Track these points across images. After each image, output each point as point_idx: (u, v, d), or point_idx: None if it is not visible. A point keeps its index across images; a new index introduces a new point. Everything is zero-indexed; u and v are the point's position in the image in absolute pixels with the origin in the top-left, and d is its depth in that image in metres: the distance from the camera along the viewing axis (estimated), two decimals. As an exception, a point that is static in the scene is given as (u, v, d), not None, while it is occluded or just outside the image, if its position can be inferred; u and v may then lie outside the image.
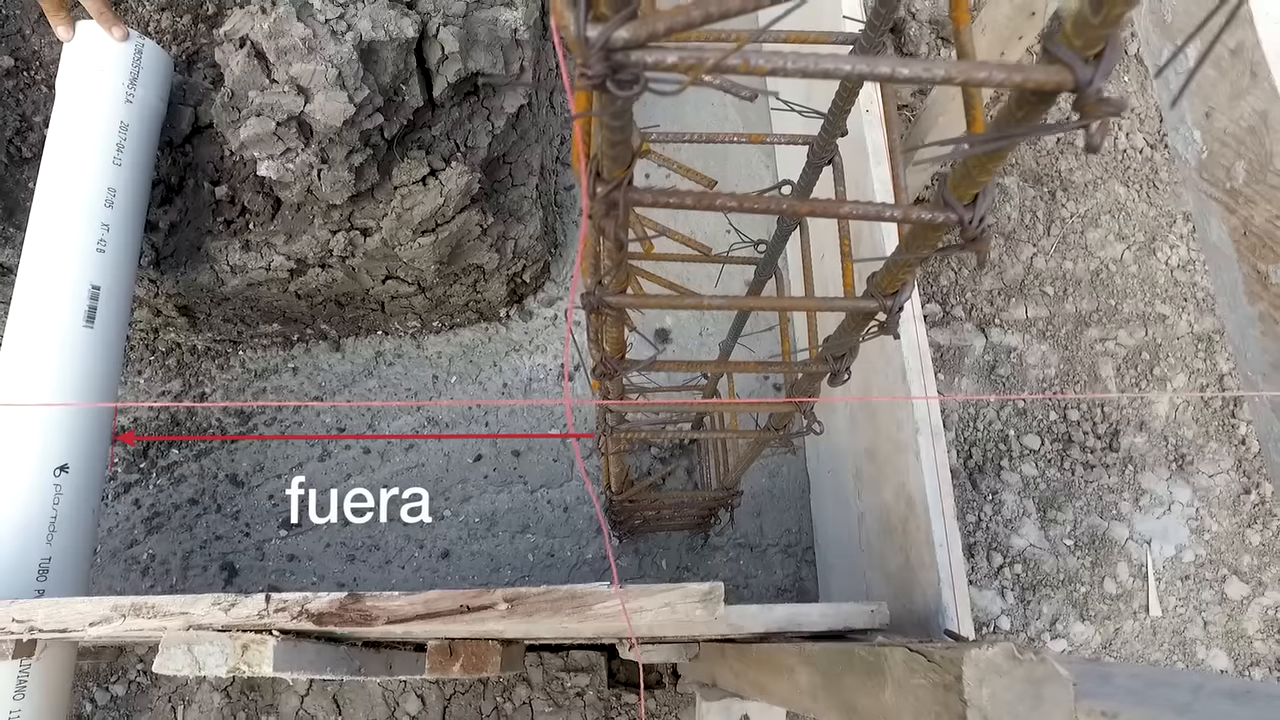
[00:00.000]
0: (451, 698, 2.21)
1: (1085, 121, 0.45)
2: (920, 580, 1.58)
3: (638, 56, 0.42)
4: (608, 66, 0.41)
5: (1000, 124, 0.50)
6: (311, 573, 2.22)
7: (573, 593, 1.23)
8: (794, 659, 1.23)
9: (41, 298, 1.70)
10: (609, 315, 0.73)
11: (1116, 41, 0.44)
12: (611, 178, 0.55)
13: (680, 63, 0.43)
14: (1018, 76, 0.44)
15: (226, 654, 1.24)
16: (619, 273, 0.67)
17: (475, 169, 1.85)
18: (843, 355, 0.86)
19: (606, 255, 0.65)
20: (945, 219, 0.58)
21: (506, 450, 2.30)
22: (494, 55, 1.69)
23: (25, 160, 2.07)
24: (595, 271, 0.70)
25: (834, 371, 0.86)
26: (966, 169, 0.56)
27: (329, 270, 2.06)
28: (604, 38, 0.41)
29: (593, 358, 0.87)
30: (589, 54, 0.41)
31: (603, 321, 0.77)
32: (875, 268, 0.73)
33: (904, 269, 0.69)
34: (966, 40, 0.63)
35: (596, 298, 0.70)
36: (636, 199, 0.58)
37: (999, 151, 0.53)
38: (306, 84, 1.51)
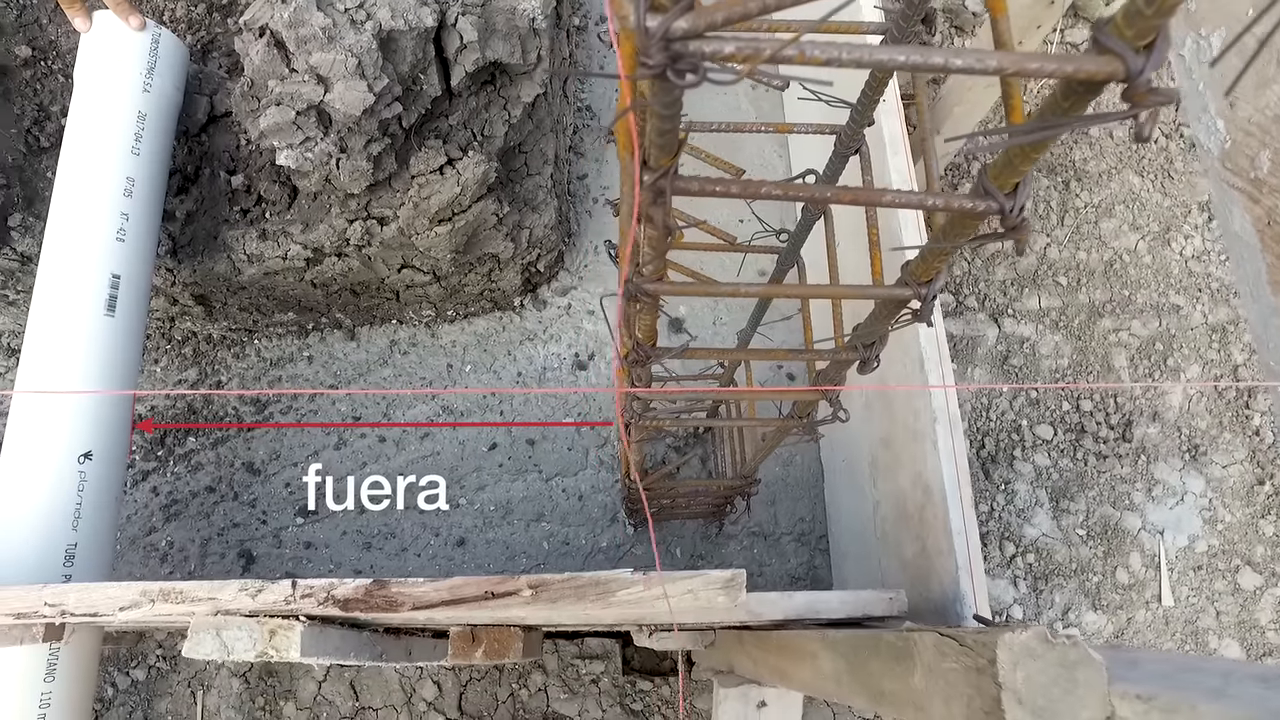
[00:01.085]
0: (467, 684, 2.23)
1: (1134, 111, 0.46)
2: (937, 568, 1.59)
3: (695, 46, 0.43)
4: (667, 56, 0.42)
5: (1045, 114, 0.51)
6: (328, 560, 2.24)
7: (596, 579, 1.25)
8: (816, 645, 1.24)
9: (63, 287, 1.72)
10: (646, 303, 0.73)
11: (1167, 31, 0.44)
12: (659, 166, 0.56)
13: (737, 53, 0.43)
14: (1069, 67, 0.45)
15: (255, 639, 1.25)
16: (660, 261, 0.68)
17: (492, 158, 1.86)
18: (872, 343, 0.87)
19: (648, 243, 0.65)
20: (986, 208, 0.58)
21: (521, 439, 2.31)
22: (511, 44, 1.69)
23: (43, 150, 2.08)
24: (633, 259, 0.71)
25: (864, 359, 0.87)
26: (1008, 158, 0.56)
27: (345, 259, 2.07)
28: (664, 28, 0.41)
29: (624, 346, 0.88)
30: (649, 44, 0.42)
31: (637, 309, 0.77)
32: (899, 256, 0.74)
33: (939, 257, 0.70)
34: (1004, 30, 0.63)
35: (635, 285, 0.70)
36: (683, 187, 0.59)
37: (1042, 142, 0.53)
38: (326, 73, 1.51)
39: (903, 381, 1.71)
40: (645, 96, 0.50)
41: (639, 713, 2.21)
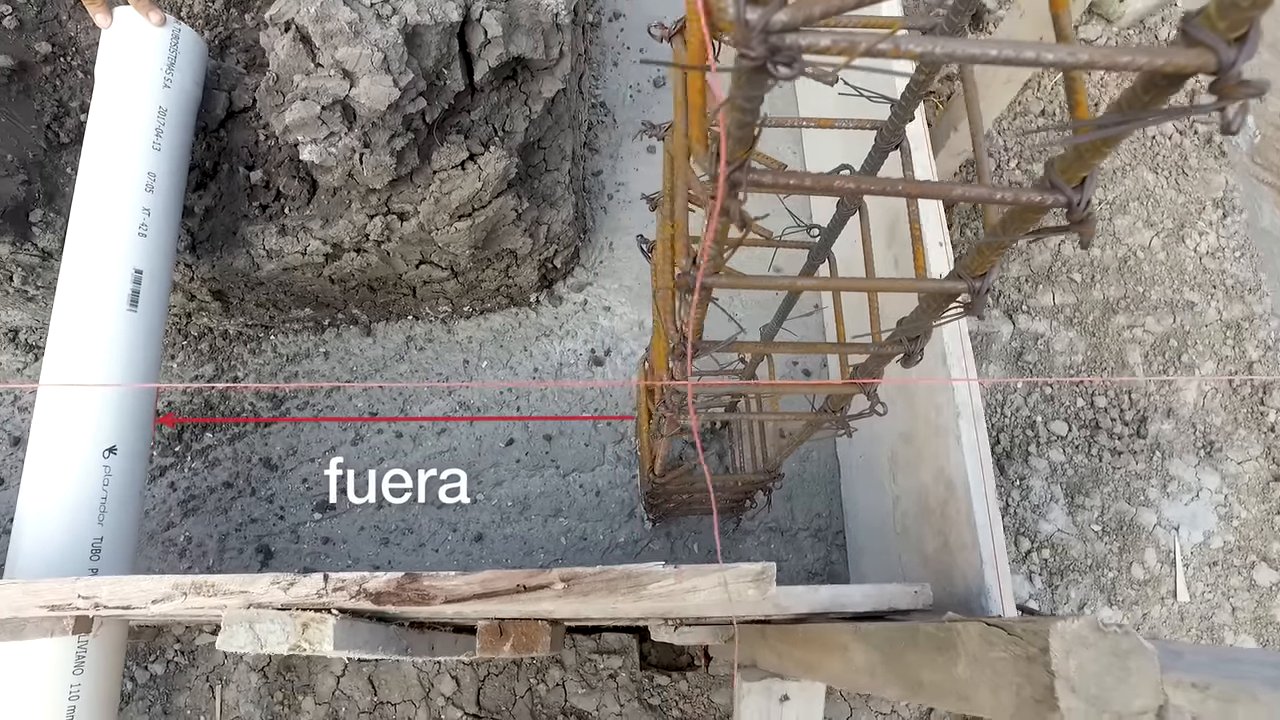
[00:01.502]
0: (485, 679, 2.23)
1: (1223, 104, 0.46)
2: (960, 562, 1.60)
3: (793, 40, 0.43)
4: (767, 49, 0.42)
5: (1124, 107, 0.51)
6: (346, 556, 2.24)
7: (628, 572, 1.25)
8: (848, 638, 1.24)
9: (87, 282, 1.72)
10: (701, 296, 0.74)
11: (1259, 23, 0.44)
12: (734, 159, 0.56)
13: (832, 46, 0.44)
14: (1159, 60, 0.45)
15: (288, 632, 1.26)
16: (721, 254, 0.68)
17: (512, 154, 1.86)
18: (917, 337, 0.87)
19: (713, 237, 0.66)
20: (1054, 201, 0.58)
21: (539, 434, 2.31)
22: (535, 39, 1.69)
23: (63, 146, 2.08)
24: (688, 253, 0.71)
25: (908, 353, 0.87)
26: (1078, 152, 0.57)
27: (364, 254, 2.07)
28: (764, 20, 0.42)
29: (669, 339, 0.88)
30: (749, 36, 0.42)
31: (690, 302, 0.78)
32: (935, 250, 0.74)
33: (995, 251, 0.70)
34: (1066, 24, 0.64)
35: (693, 278, 0.70)
36: (756, 179, 0.59)
37: (1116, 136, 0.54)
38: (352, 68, 1.52)
39: (924, 376, 1.71)
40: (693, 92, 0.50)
41: (656, 707, 2.21)
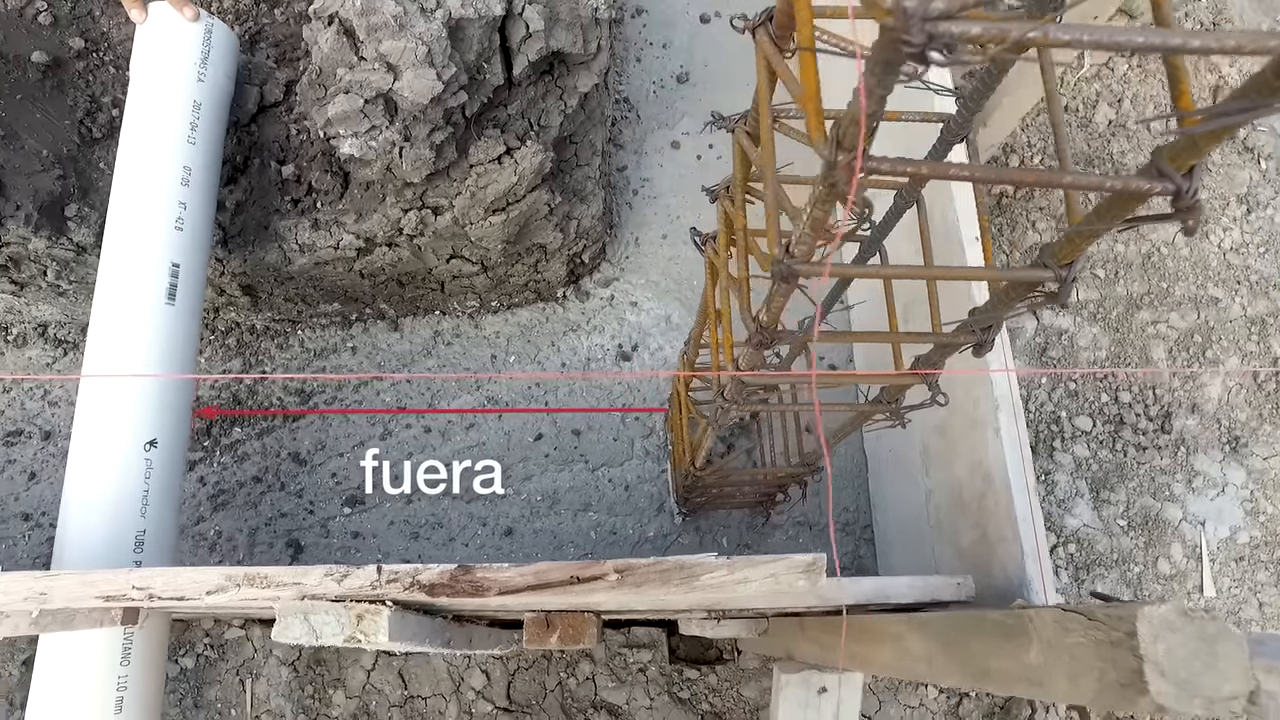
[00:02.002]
0: (515, 673, 2.24)
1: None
2: (999, 554, 1.61)
3: (945, 28, 0.44)
4: (926, 37, 0.43)
5: (1252, 93, 0.52)
6: (376, 550, 2.25)
7: (681, 563, 1.26)
8: (902, 627, 1.25)
9: (126, 276, 1.72)
10: (791, 284, 0.74)
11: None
12: (851, 146, 0.57)
13: (983, 34, 0.44)
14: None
15: (343, 623, 1.26)
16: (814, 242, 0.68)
17: (548, 148, 1.86)
18: (989, 326, 0.88)
19: (810, 225, 0.66)
20: (1161, 189, 0.59)
21: (567, 429, 2.32)
22: (574, 34, 1.70)
23: (95, 141, 2.08)
24: (780, 242, 0.71)
25: (980, 342, 0.88)
26: (1191, 140, 0.57)
27: (395, 249, 2.07)
28: (922, 9, 0.42)
29: (747, 328, 0.89)
30: (909, 24, 0.42)
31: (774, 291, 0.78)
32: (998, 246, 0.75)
33: (1087, 239, 0.71)
34: (1167, 11, 0.64)
35: (786, 266, 0.71)
36: (874, 167, 0.59)
37: (1237, 123, 0.54)
38: (395, 61, 1.52)
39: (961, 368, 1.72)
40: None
41: (686, 701, 2.22)
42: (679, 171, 2.65)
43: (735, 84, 2.78)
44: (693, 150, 2.68)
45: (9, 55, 1.97)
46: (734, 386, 1.06)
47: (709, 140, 2.70)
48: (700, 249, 1.23)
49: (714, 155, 2.68)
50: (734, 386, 1.06)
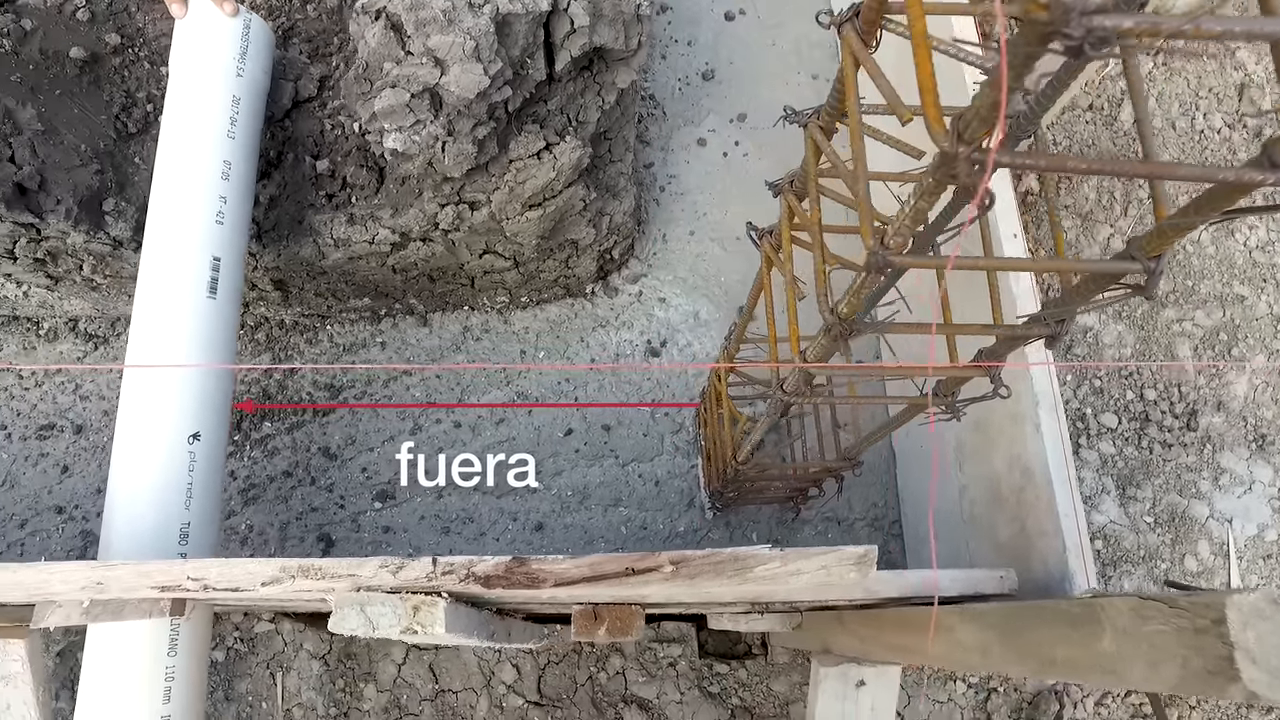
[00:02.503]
0: (546, 667, 2.25)
1: None
2: (1040, 548, 1.61)
3: (1101, 22, 0.44)
4: (1085, 30, 0.44)
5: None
6: (406, 544, 2.26)
7: (735, 555, 1.26)
8: (953, 619, 1.26)
9: (168, 270, 1.73)
10: (882, 276, 0.75)
11: None
12: (974, 139, 0.57)
13: (1136, 28, 0.45)
14: None
15: (399, 614, 1.27)
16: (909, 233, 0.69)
17: (586, 144, 1.87)
18: (1063, 319, 0.88)
19: (913, 217, 0.67)
20: (1276, 180, 0.60)
21: (597, 424, 2.33)
22: (616, 30, 1.70)
23: (131, 135, 2.09)
24: (876, 234, 0.72)
25: (1054, 335, 0.89)
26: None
27: (430, 244, 2.08)
28: (1080, 3, 0.43)
29: (824, 320, 0.90)
30: (1068, 19, 0.43)
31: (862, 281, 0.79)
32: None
33: (1180, 232, 0.72)
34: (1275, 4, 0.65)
35: (880, 257, 0.72)
36: (1011, 160, 0.60)
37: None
38: (443, 56, 1.53)
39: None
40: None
41: (716, 695, 2.23)
42: (705, 169, 2.66)
43: (761, 82, 2.79)
44: (719, 148, 2.69)
45: (48, 51, 1.97)
46: (798, 378, 1.06)
47: (735, 138, 2.71)
48: (756, 244, 1.23)
49: (740, 153, 2.69)
50: (798, 378, 1.06)
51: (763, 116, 2.75)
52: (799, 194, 1.12)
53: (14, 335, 2.37)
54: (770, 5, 2.90)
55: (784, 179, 1.15)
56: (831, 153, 0.95)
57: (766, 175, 2.66)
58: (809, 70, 2.83)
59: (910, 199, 0.68)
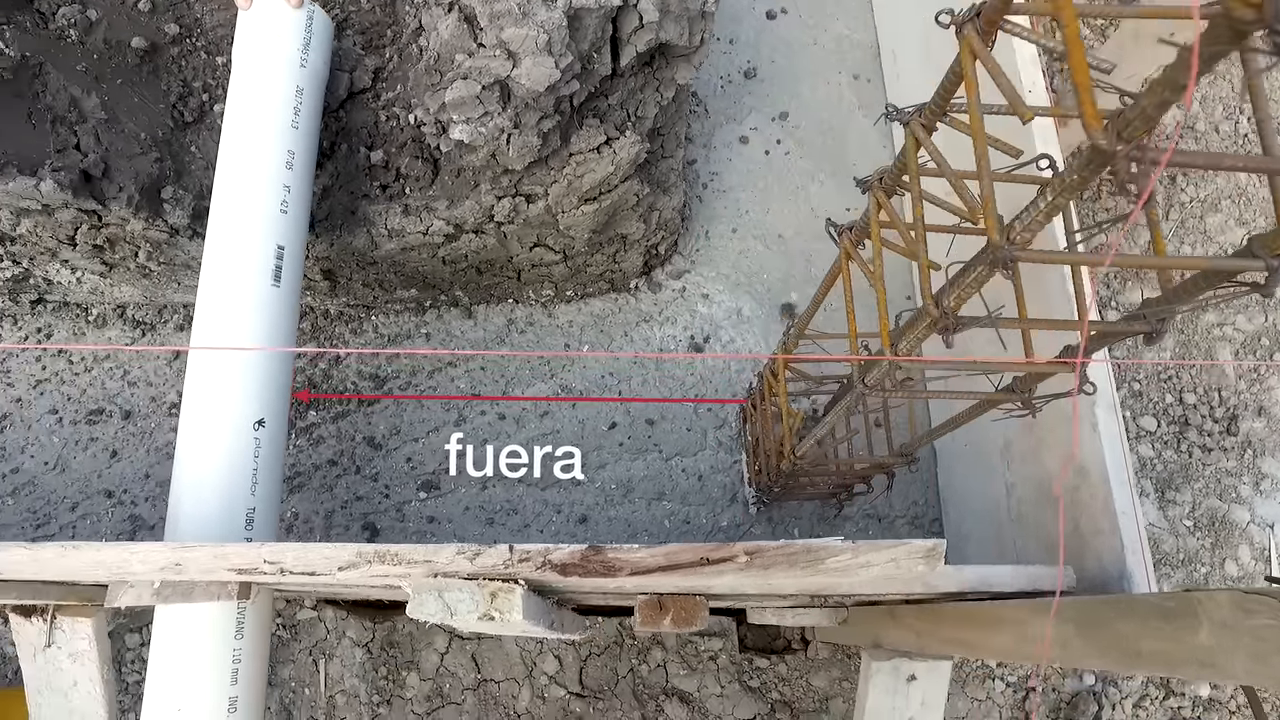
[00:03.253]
0: (588, 659, 2.27)
1: None
2: (1095, 547, 1.63)
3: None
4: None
5: None
6: (451, 534, 2.28)
7: (808, 546, 1.28)
8: (1023, 613, 1.27)
9: (233, 259, 1.74)
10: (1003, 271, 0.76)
11: None
12: (1133, 137, 0.58)
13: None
14: None
15: (477, 600, 1.28)
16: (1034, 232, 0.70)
17: (644, 139, 1.88)
18: (1164, 317, 0.90)
19: (1047, 212, 0.68)
20: None
21: (640, 418, 2.34)
22: (681, 27, 1.72)
23: (187, 124, 2.11)
24: (1002, 229, 0.74)
25: (1154, 331, 0.90)
26: None
27: (482, 236, 2.09)
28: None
29: (930, 315, 0.91)
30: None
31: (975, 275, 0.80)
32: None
33: (1307, 229, 0.73)
34: None
35: (1006, 252, 0.73)
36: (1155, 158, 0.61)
37: None
38: (516, 49, 1.54)
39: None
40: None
41: (756, 689, 2.24)
42: (747, 166, 2.67)
43: (802, 80, 2.80)
44: (760, 146, 2.70)
45: (111, 41, 1.99)
46: (884, 372, 1.08)
47: (776, 136, 2.72)
48: (835, 239, 1.25)
49: (781, 151, 2.70)
50: (884, 372, 1.08)
51: (804, 115, 2.76)
52: (887, 190, 1.13)
53: (64, 321, 2.40)
54: (811, 4, 2.91)
55: (873, 176, 1.16)
56: (935, 151, 0.96)
57: (808, 174, 2.68)
58: (850, 70, 2.84)
59: (1047, 195, 0.69)
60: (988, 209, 0.75)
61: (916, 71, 2.54)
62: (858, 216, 2.34)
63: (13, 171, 1.77)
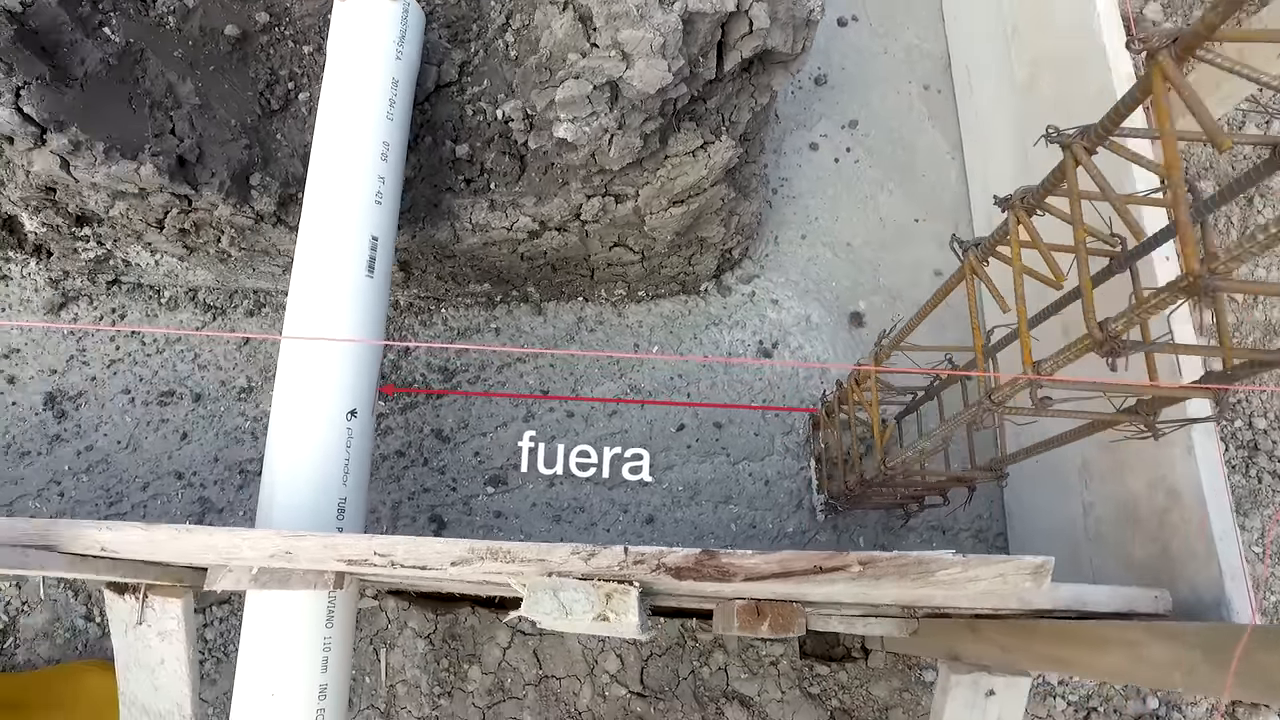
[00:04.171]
0: (649, 659, 2.27)
1: None
2: (1188, 571, 1.62)
3: None
4: None
5: None
6: (518, 530, 2.28)
7: (920, 559, 1.28)
8: (1138, 634, 1.27)
9: (329, 248, 1.75)
10: (1204, 299, 0.76)
11: None
12: None
13: None
14: None
15: (592, 601, 1.29)
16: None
17: (738, 143, 1.88)
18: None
19: (1264, 242, 0.68)
20: None
21: (709, 422, 2.34)
22: (787, 34, 1.71)
23: (273, 112, 2.12)
24: (1204, 258, 0.73)
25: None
26: None
27: (565, 233, 2.10)
28: None
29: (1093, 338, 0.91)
30: None
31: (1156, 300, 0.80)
32: None
33: None
34: None
35: (1208, 282, 0.73)
36: None
37: None
38: (631, 50, 1.54)
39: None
40: None
41: (816, 696, 2.25)
42: (817, 173, 2.67)
43: (872, 89, 2.80)
44: (830, 153, 2.70)
45: (206, 28, 2.00)
46: (1023, 390, 1.08)
47: (846, 144, 2.72)
48: (960, 256, 1.25)
49: (850, 159, 2.70)
50: (1023, 390, 1.08)
51: (873, 124, 2.75)
52: (1028, 209, 1.13)
53: (137, 302, 2.41)
54: (882, 13, 2.91)
55: (1015, 195, 1.16)
56: (1098, 174, 0.96)
57: (877, 183, 2.67)
58: (920, 80, 2.83)
59: (1271, 226, 0.69)
60: (1184, 236, 0.75)
61: (992, 86, 2.53)
62: (927, 228, 2.32)
63: (116, 155, 1.78)
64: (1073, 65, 2.01)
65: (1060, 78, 2.10)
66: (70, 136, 1.73)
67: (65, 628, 2.25)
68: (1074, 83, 2.00)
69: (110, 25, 1.85)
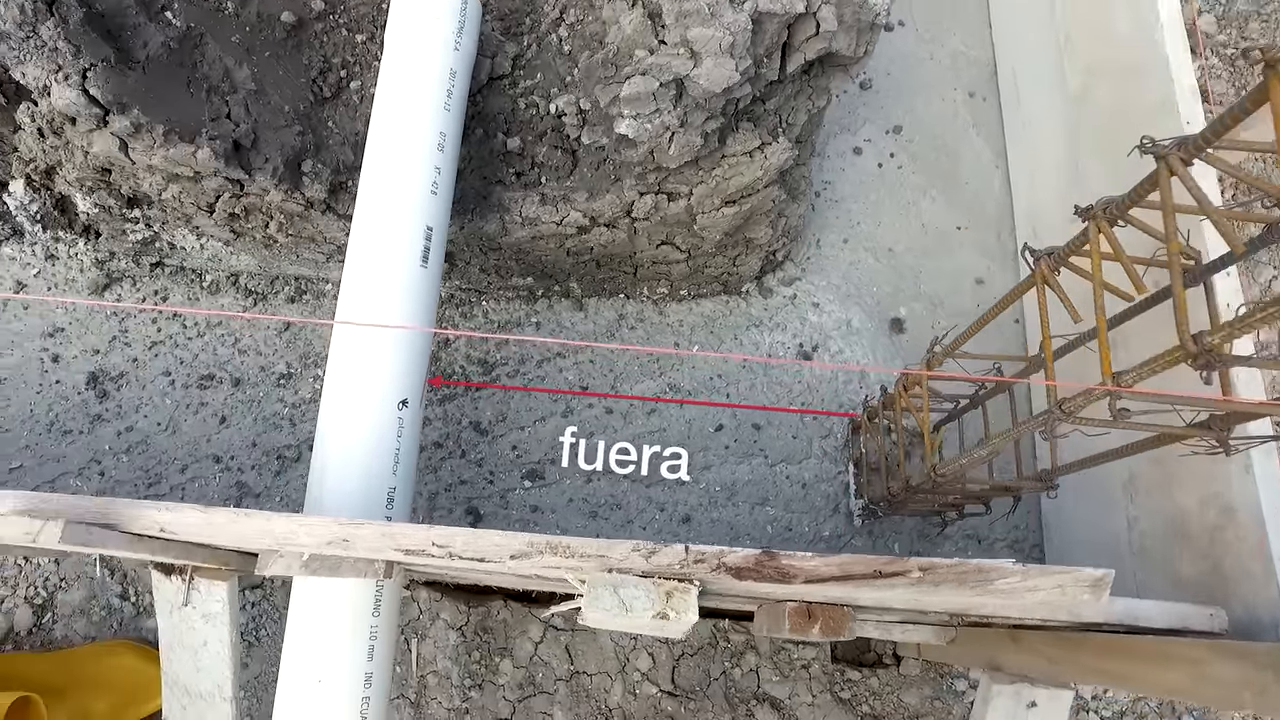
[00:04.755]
0: (680, 659, 2.27)
1: None
2: (1242, 590, 1.61)
3: None
4: None
5: None
6: (554, 525, 2.28)
7: (980, 567, 1.27)
8: (1200, 652, 1.26)
9: (384, 238, 1.75)
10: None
11: None
12: None
13: None
14: None
15: (653, 599, 1.29)
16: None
17: (794, 145, 1.88)
18: None
19: None
20: None
21: (747, 423, 2.34)
22: (851, 37, 1.71)
23: (325, 99, 2.12)
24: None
25: None
26: None
27: (614, 230, 2.10)
28: None
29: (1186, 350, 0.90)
30: None
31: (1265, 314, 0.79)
32: None
33: None
34: None
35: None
36: None
37: None
38: (700, 49, 1.54)
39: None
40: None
41: (847, 701, 2.24)
42: (860, 178, 2.66)
43: (917, 94, 2.79)
44: (874, 158, 2.69)
45: (263, 14, 2.01)
46: (1102, 403, 1.07)
47: (889, 149, 2.71)
48: (1032, 266, 1.24)
49: (894, 165, 2.69)
50: (1102, 403, 1.07)
51: (917, 130, 2.74)
52: (1110, 220, 1.12)
53: (179, 285, 2.42)
54: (929, 17, 2.89)
55: (1097, 205, 1.15)
56: (1195, 187, 0.95)
57: (920, 190, 2.66)
58: (966, 87, 2.82)
59: None
60: None
61: (1041, 95, 2.51)
62: (969, 236, 2.29)
63: (174, 138, 1.79)
64: (1131, 75, 2.00)
65: (1117, 88, 2.08)
66: (132, 119, 1.73)
67: (101, 605, 2.26)
68: (1133, 93, 1.98)
69: (172, 9, 1.85)
